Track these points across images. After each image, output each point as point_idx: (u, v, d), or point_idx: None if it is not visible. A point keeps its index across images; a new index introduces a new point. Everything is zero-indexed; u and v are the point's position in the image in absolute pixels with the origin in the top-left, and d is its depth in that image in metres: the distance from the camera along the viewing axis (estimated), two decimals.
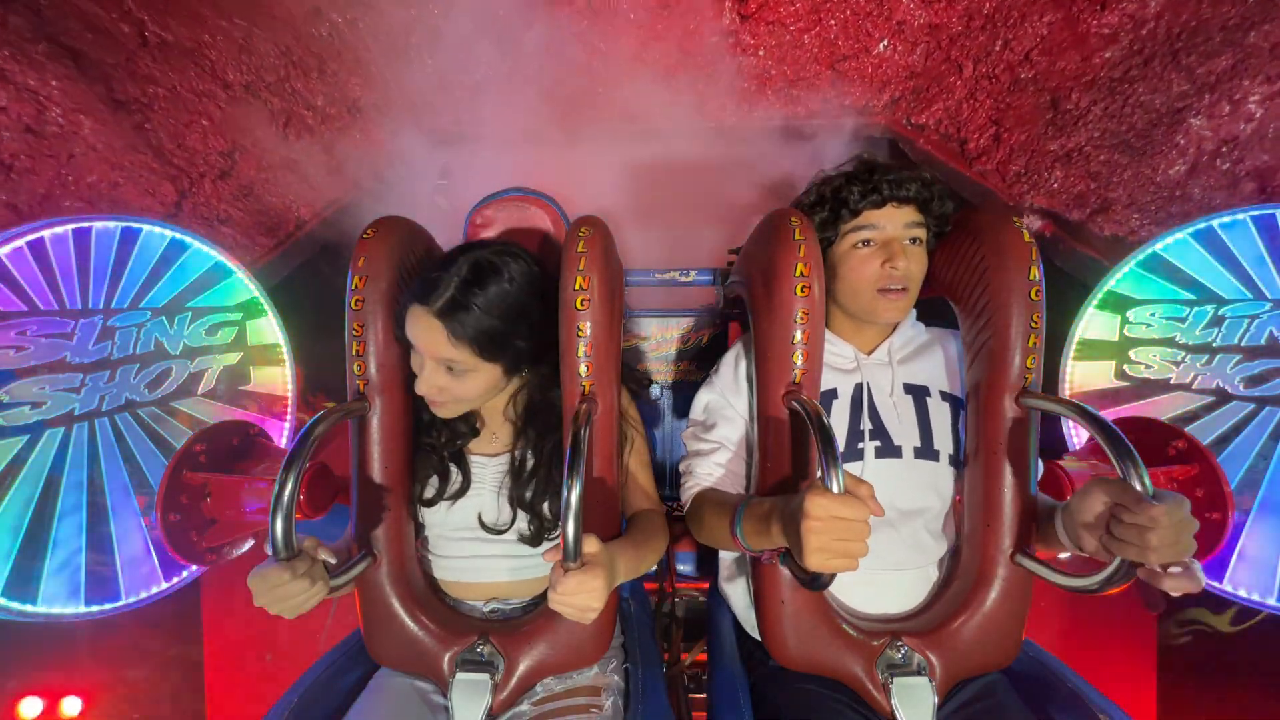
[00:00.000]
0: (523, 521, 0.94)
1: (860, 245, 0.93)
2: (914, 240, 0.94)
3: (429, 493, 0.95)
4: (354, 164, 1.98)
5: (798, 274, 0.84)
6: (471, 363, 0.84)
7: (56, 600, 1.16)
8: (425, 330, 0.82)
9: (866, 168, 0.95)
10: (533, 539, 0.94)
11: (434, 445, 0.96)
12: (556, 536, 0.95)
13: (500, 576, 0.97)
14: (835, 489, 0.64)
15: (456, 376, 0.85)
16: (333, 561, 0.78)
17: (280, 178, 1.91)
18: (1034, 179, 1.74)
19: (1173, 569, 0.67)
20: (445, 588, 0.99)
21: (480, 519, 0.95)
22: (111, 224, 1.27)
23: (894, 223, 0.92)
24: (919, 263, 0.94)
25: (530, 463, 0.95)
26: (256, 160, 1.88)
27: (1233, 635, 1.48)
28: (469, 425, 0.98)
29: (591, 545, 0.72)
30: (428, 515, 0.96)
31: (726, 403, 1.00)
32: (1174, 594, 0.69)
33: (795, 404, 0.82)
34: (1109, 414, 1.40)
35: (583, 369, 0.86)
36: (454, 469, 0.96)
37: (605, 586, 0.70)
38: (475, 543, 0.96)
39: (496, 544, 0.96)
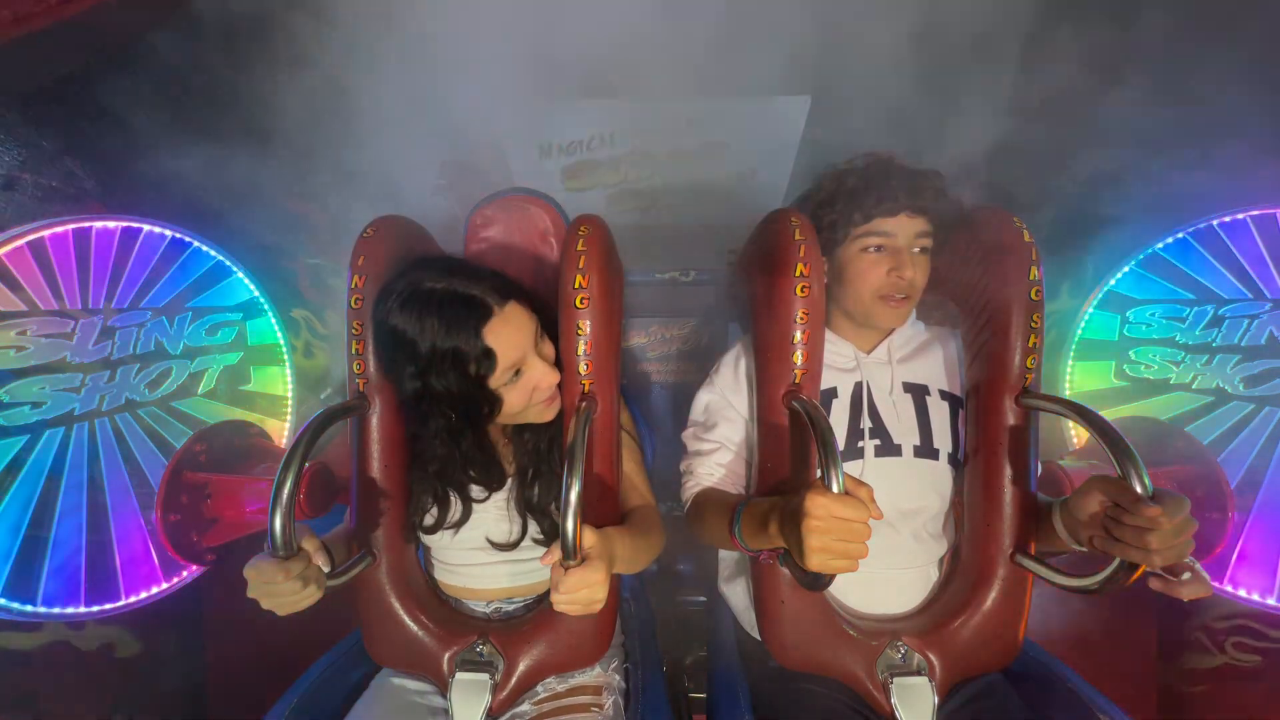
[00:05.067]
0: (534, 528, 0.93)
1: (869, 250, 0.93)
2: (922, 250, 0.93)
3: (428, 520, 0.92)
4: None
5: (798, 274, 0.84)
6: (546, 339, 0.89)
7: (56, 600, 1.16)
8: (527, 320, 0.85)
9: (882, 171, 0.93)
10: (548, 539, 0.92)
11: (439, 474, 0.90)
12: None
13: (502, 582, 0.96)
14: (835, 489, 0.64)
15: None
16: (327, 569, 0.77)
17: None
18: None
19: (1183, 575, 0.67)
20: (446, 589, 0.99)
21: (489, 540, 0.93)
22: (112, 224, 1.28)
23: (905, 232, 0.91)
24: (924, 272, 0.94)
25: (532, 469, 0.93)
26: None
27: (1231, 635, 1.48)
28: (495, 465, 0.93)
29: (588, 538, 0.71)
30: (430, 539, 0.94)
31: (726, 403, 1.00)
32: (1186, 599, 0.69)
33: (795, 404, 0.82)
34: (1109, 414, 1.40)
35: (582, 368, 0.86)
36: (454, 497, 0.92)
37: (606, 576, 0.69)
38: (481, 551, 0.95)
39: (503, 553, 0.94)
